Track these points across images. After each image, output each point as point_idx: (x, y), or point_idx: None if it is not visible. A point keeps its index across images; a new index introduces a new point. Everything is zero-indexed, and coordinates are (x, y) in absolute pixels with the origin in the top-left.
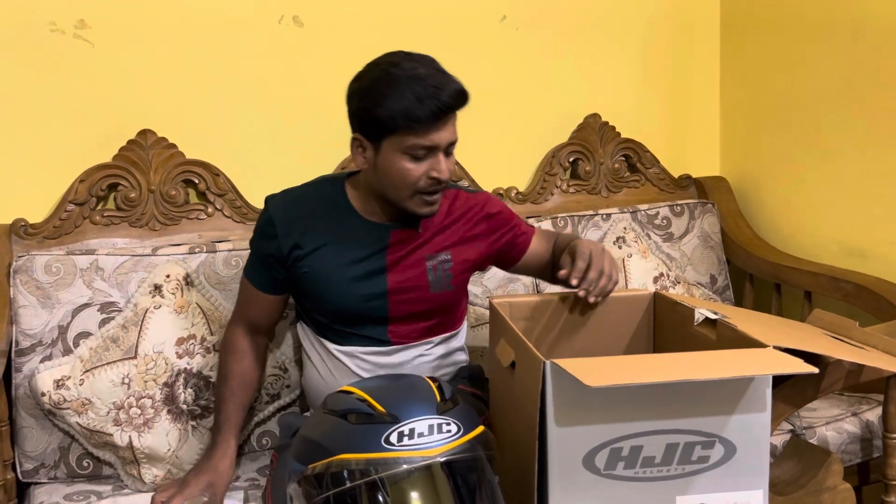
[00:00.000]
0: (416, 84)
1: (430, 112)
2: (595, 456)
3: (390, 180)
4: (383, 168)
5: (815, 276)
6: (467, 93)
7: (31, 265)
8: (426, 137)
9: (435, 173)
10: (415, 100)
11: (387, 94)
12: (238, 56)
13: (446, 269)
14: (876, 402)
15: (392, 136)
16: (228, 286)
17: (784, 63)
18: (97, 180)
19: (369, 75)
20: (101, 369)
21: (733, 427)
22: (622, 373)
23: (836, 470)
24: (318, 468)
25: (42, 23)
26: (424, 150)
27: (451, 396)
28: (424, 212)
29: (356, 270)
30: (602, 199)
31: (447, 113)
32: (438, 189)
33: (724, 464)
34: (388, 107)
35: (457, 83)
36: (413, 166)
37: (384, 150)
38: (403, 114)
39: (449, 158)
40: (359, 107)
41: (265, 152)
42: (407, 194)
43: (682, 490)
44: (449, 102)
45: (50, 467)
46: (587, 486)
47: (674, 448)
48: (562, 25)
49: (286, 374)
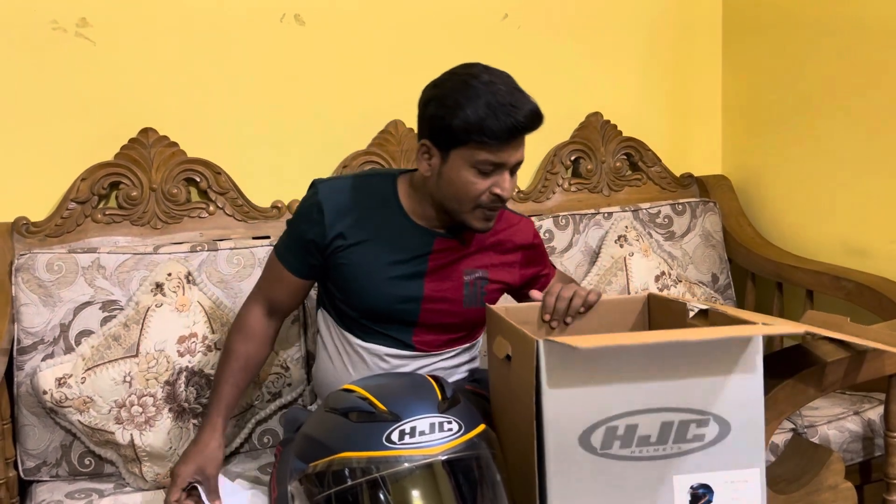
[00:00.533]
0: (493, 99)
1: (506, 130)
2: (591, 435)
3: (454, 191)
4: (448, 178)
5: (816, 275)
6: (542, 115)
7: (32, 263)
8: (497, 154)
9: (498, 190)
10: (491, 115)
11: (464, 105)
12: (239, 54)
13: (482, 287)
14: (877, 400)
15: (462, 148)
16: (230, 284)
17: (786, 61)
18: (99, 178)
19: (448, 84)
20: (102, 367)
21: (727, 405)
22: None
23: (838, 469)
24: (320, 466)
25: (44, 21)
26: (493, 166)
27: (452, 395)
28: (481, 227)
29: (396, 271)
30: (603, 198)
31: (521, 132)
32: (498, 206)
33: (720, 442)
34: (463, 118)
35: (533, 104)
36: (478, 181)
37: (452, 159)
38: (478, 127)
39: (513, 178)
40: (434, 114)
41: (267, 151)
42: (468, 207)
43: (679, 469)
44: (525, 122)
45: (52, 465)
46: (584, 466)
47: (669, 427)
48: (563, 24)
49: (287, 372)
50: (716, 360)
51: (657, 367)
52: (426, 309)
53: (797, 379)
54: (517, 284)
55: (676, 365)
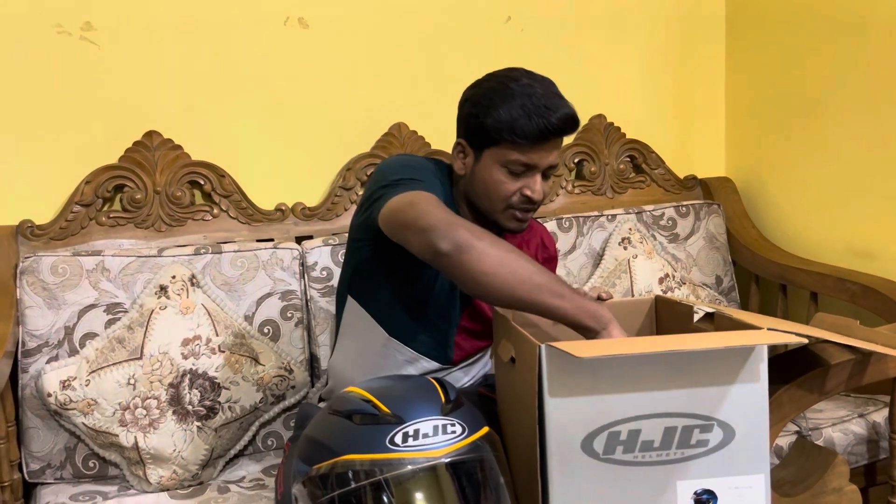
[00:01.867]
0: (528, 101)
1: (537, 130)
2: (593, 440)
3: (485, 191)
4: (480, 177)
5: (821, 277)
6: (578, 120)
7: (37, 266)
8: (527, 154)
9: (528, 192)
10: (524, 115)
11: (498, 105)
12: (243, 57)
13: None
14: (882, 403)
15: (494, 147)
16: (234, 287)
17: (789, 63)
18: (103, 181)
19: (486, 85)
20: (106, 370)
21: (731, 410)
22: (615, 348)
23: (843, 471)
24: (323, 469)
25: (48, 25)
26: (523, 166)
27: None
28: (513, 227)
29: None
30: (607, 200)
31: (554, 135)
32: (530, 208)
33: (724, 448)
34: (496, 117)
35: (569, 108)
36: (508, 181)
37: (484, 159)
38: (509, 127)
39: (546, 181)
40: (469, 113)
41: (270, 153)
42: (499, 207)
43: (683, 474)
44: (557, 124)
45: (56, 468)
46: (587, 471)
47: (672, 432)
48: (566, 26)
49: (291, 374)
50: (720, 369)
51: (660, 375)
52: (468, 314)
53: (802, 381)
54: None
55: (680, 373)
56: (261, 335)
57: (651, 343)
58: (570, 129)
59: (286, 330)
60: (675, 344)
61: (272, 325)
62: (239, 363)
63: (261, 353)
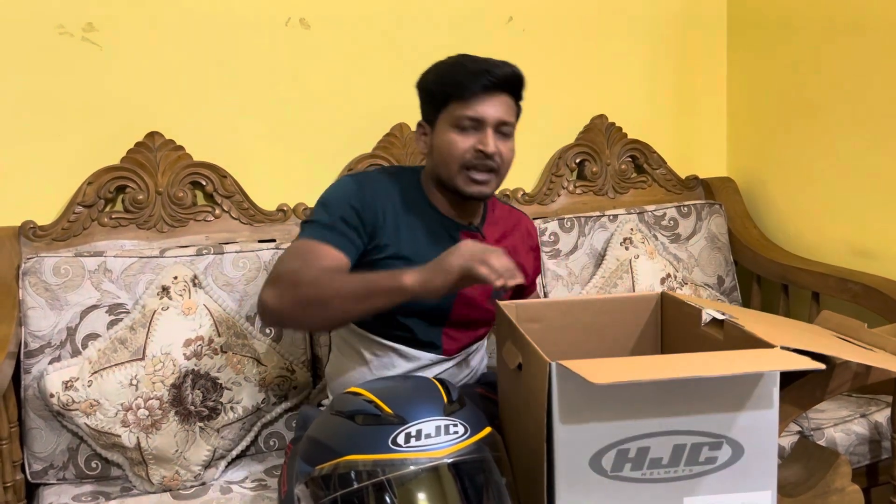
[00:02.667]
0: (472, 63)
1: (479, 84)
2: (602, 457)
3: (441, 156)
4: (437, 146)
5: (822, 277)
6: (522, 77)
7: (39, 267)
8: (473, 108)
9: (481, 146)
10: (465, 71)
11: (444, 72)
12: (245, 58)
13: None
14: (884, 403)
15: (444, 110)
16: (236, 288)
17: (791, 63)
18: (105, 182)
19: (437, 63)
20: (109, 371)
21: (741, 428)
22: (627, 371)
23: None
24: (326, 469)
25: (50, 26)
26: (471, 121)
27: (457, 398)
28: (472, 190)
29: (434, 255)
30: (609, 200)
31: (497, 87)
32: (485, 166)
33: (732, 465)
34: (440, 79)
35: (513, 67)
36: (460, 138)
37: (438, 127)
38: (453, 82)
39: (505, 142)
40: (420, 87)
41: (272, 154)
42: (455, 169)
43: (690, 491)
44: (499, 75)
45: (59, 468)
46: (594, 488)
47: (681, 449)
48: (568, 26)
49: (293, 375)
50: (732, 392)
51: (671, 398)
52: (459, 304)
53: (804, 381)
54: (528, 285)
55: (691, 397)
56: (263, 336)
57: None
58: (515, 84)
59: (288, 331)
60: (688, 369)
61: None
62: (241, 364)
63: (263, 353)
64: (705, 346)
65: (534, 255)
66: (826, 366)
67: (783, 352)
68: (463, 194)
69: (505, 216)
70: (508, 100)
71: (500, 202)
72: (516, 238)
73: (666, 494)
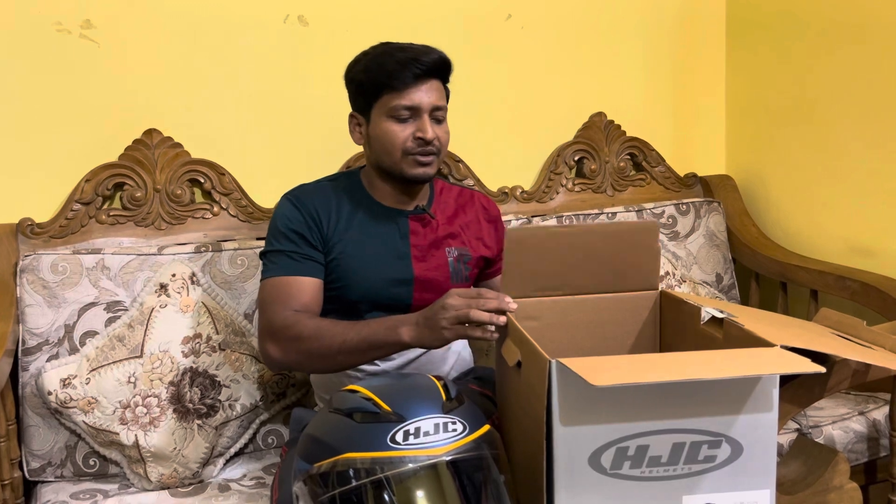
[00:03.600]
0: (399, 53)
1: (410, 72)
2: (601, 455)
3: (382, 146)
4: (375, 136)
5: (821, 275)
6: (449, 62)
7: (37, 264)
8: (408, 97)
9: (420, 134)
10: (394, 61)
11: (372, 63)
12: (243, 55)
13: (465, 262)
14: (883, 401)
15: (377, 102)
16: (234, 285)
17: (790, 61)
18: (103, 180)
19: (363, 54)
20: (107, 368)
21: (740, 427)
22: (628, 372)
23: (843, 469)
24: (324, 467)
25: (48, 23)
26: (407, 110)
27: (456, 395)
28: (418, 172)
29: (383, 256)
30: (607, 198)
31: (427, 75)
32: (426, 151)
33: (731, 463)
34: (370, 71)
35: (439, 52)
36: (398, 128)
37: (373, 118)
38: (384, 73)
39: (440, 126)
40: (349, 82)
41: (270, 151)
42: (398, 156)
43: (689, 490)
44: (428, 62)
45: (56, 466)
46: (593, 486)
47: (680, 447)
48: (567, 24)
49: (291, 373)
50: (732, 393)
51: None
52: (419, 289)
53: (802, 379)
54: (494, 257)
55: (692, 399)
56: None
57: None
58: (442, 70)
59: None
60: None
61: None
62: (239, 361)
63: None
64: (704, 345)
65: (494, 227)
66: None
67: (783, 352)
68: (408, 178)
69: (455, 196)
70: (438, 84)
71: (449, 184)
72: (469, 214)
73: (665, 493)
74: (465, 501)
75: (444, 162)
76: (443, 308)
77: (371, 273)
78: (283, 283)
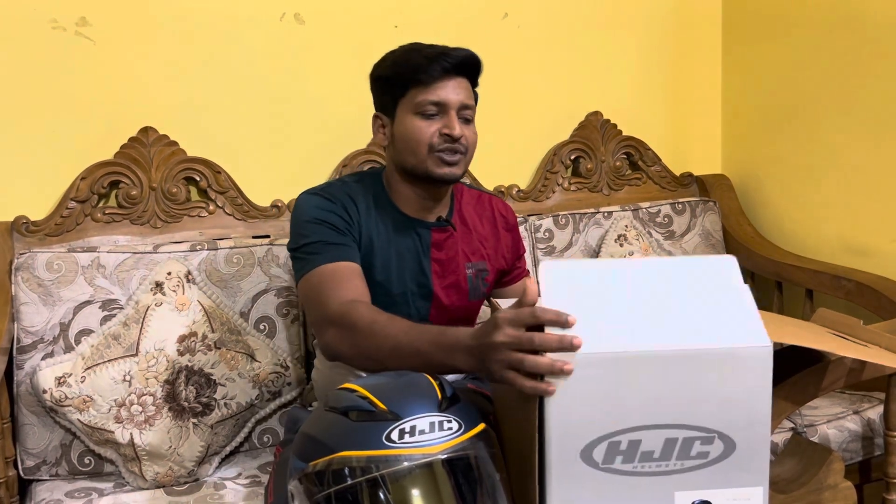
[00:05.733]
0: (428, 49)
1: (438, 67)
2: (593, 450)
3: (407, 144)
4: (400, 135)
5: (816, 274)
6: (479, 61)
7: (32, 262)
8: (434, 92)
9: (447, 130)
10: (422, 57)
11: (399, 59)
12: (239, 53)
13: (483, 278)
14: (877, 400)
15: (404, 98)
16: (229, 284)
17: (786, 60)
18: (98, 178)
19: (390, 52)
20: (102, 367)
21: (733, 423)
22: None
23: (838, 468)
24: (320, 465)
25: (43, 20)
26: (434, 106)
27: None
28: (444, 172)
29: (403, 268)
30: (603, 197)
31: (455, 70)
32: (453, 149)
33: (724, 460)
34: (397, 67)
35: (470, 51)
36: (425, 124)
37: (399, 115)
38: (411, 69)
39: (468, 126)
40: (375, 81)
41: (266, 150)
42: (423, 154)
43: (681, 485)
44: (456, 57)
45: (51, 464)
46: (585, 480)
47: (672, 443)
48: (563, 23)
49: (287, 371)
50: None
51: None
52: (436, 306)
53: (797, 378)
54: (510, 268)
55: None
56: (257, 332)
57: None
58: (472, 67)
59: (282, 326)
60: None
61: (268, 321)
62: (235, 360)
63: (257, 349)
64: None
65: (512, 236)
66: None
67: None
68: (434, 177)
69: (474, 202)
70: (467, 83)
71: (468, 188)
72: (488, 226)
73: (657, 488)
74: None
75: None
76: (492, 349)
77: (393, 286)
78: (329, 271)
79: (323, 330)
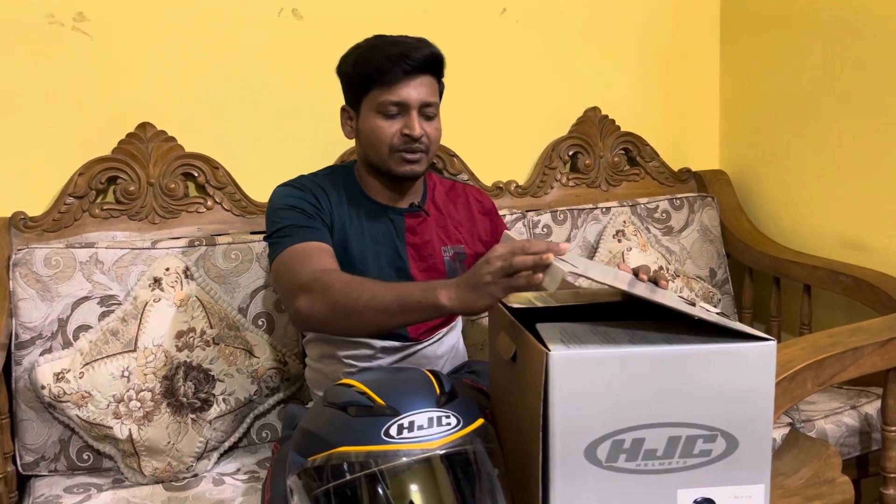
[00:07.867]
0: (390, 47)
1: (400, 68)
2: (597, 448)
3: (370, 141)
4: (364, 131)
5: (814, 270)
6: (441, 57)
7: (30, 258)
8: (395, 93)
9: (407, 130)
10: (384, 56)
11: (364, 56)
12: (237, 49)
13: (460, 261)
14: (875, 395)
15: (367, 96)
16: (228, 279)
17: (784, 56)
18: (96, 173)
19: (355, 47)
20: (100, 362)
21: (736, 421)
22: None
23: (835, 463)
24: (318, 461)
25: (41, 15)
26: (395, 106)
27: (450, 389)
28: (405, 170)
29: (380, 253)
30: (602, 193)
31: (417, 71)
32: (413, 148)
33: (726, 458)
34: (360, 66)
35: (432, 47)
36: (386, 124)
37: (362, 112)
38: (373, 69)
39: (430, 122)
40: (340, 74)
41: (264, 145)
42: (385, 153)
43: (684, 483)
44: (418, 58)
45: (50, 460)
46: (588, 478)
47: (676, 441)
48: (562, 18)
49: (286, 367)
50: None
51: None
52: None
53: (795, 373)
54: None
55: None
56: (255, 327)
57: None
58: (434, 66)
59: (280, 322)
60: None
61: (266, 317)
62: (233, 355)
63: (255, 345)
64: None
65: (490, 219)
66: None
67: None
68: (395, 175)
69: (447, 190)
70: (430, 80)
71: (442, 179)
72: (462, 211)
73: (660, 486)
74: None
75: (439, 156)
76: (486, 262)
77: (370, 272)
78: (300, 249)
79: (294, 298)
